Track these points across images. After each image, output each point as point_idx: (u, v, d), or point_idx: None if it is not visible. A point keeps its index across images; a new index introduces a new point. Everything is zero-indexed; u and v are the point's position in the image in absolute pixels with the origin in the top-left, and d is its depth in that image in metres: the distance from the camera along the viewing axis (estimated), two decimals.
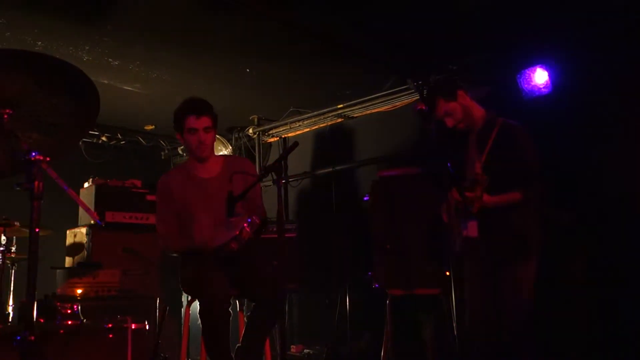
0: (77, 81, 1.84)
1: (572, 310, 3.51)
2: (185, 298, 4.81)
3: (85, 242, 4.46)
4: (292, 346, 5.04)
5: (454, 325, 3.56)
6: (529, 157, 2.83)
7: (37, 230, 1.68)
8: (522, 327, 2.75)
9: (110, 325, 2.94)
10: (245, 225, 2.75)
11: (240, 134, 6.06)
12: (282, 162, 2.50)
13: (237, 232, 2.75)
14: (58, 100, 1.84)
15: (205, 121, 3.05)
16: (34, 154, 1.68)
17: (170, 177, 3.20)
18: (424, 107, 2.82)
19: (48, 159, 1.70)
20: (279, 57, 4.54)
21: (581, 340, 3.50)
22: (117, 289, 3.85)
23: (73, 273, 4.00)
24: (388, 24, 4.09)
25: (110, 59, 4.40)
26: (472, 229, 2.79)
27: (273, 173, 2.51)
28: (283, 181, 5.58)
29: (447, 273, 3.61)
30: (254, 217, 2.80)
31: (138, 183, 4.82)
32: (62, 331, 2.82)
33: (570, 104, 3.82)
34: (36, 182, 1.69)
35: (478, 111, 3.03)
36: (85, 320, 2.94)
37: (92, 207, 4.52)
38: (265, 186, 5.79)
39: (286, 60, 4.61)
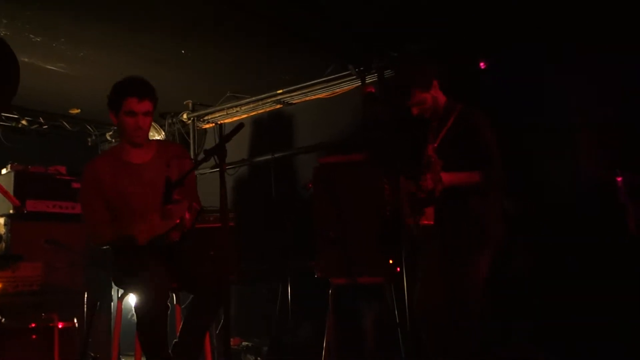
0: None
1: (517, 303, 3.54)
2: (115, 292, 4.55)
3: (3, 233, 4.11)
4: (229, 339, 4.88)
5: (397, 313, 3.59)
6: (487, 141, 2.80)
7: None
8: (472, 319, 2.72)
9: (33, 325, 2.66)
10: (186, 213, 2.60)
11: (174, 120, 5.80)
12: (225, 146, 2.35)
13: (178, 221, 2.59)
14: None
15: (146, 105, 2.86)
16: None
17: (99, 163, 2.97)
18: (373, 90, 2.74)
19: None
20: (218, 39, 4.36)
21: (525, 333, 3.55)
22: (40, 283, 3.56)
23: None
24: (330, 8, 4.00)
25: (31, 35, 4.06)
26: (428, 217, 2.74)
27: (216, 157, 2.35)
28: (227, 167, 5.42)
29: (391, 261, 3.60)
30: (194, 204, 2.64)
31: (63, 169, 4.50)
32: None
33: (510, 95, 3.84)
34: None
35: (442, 99, 3.00)
36: (3, 319, 2.65)
37: None
38: (201, 174, 5.59)
39: (226, 43, 4.42)
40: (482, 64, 3.02)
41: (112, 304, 4.60)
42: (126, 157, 2.97)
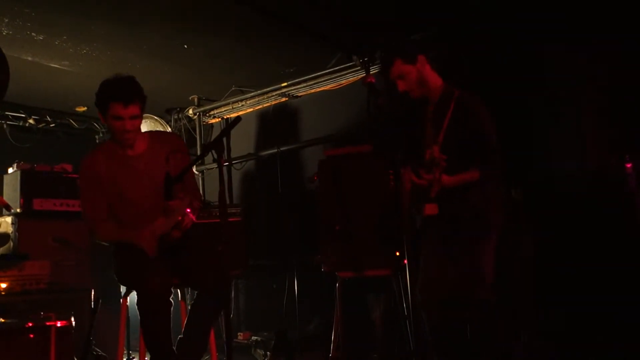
0: None
1: (522, 290, 3.49)
2: (124, 289, 4.54)
3: (10, 231, 4.13)
4: (239, 333, 4.88)
5: (405, 305, 3.54)
6: (486, 131, 2.71)
7: None
8: (484, 306, 2.68)
9: (30, 324, 2.63)
10: (188, 210, 2.58)
11: (180, 115, 5.79)
12: (223, 140, 2.32)
13: (180, 218, 2.56)
14: None
15: (133, 109, 2.70)
16: None
17: (95, 157, 2.89)
18: (373, 80, 2.67)
19: None
20: (220, 32, 4.32)
21: (531, 319, 3.49)
22: (47, 281, 3.56)
23: None
24: None
25: (33, 33, 4.05)
26: (432, 208, 2.68)
27: (214, 152, 2.32)
28: (225, 162, 5.41)
29: (397, 253, 3.55)
30: (194, 202, 2.62)
31: (69, 167, 4.50)
32: None
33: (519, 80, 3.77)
34: None
35: (436, 81, 2.84)
36: (1, 319, 2.64)
37: (17, 194, 4.20)
38: (208, 169, 5.58)
39: (228, 36, 4.38)
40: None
41: (120, 300, 4.60)
42: (120, 149, 2.88)
